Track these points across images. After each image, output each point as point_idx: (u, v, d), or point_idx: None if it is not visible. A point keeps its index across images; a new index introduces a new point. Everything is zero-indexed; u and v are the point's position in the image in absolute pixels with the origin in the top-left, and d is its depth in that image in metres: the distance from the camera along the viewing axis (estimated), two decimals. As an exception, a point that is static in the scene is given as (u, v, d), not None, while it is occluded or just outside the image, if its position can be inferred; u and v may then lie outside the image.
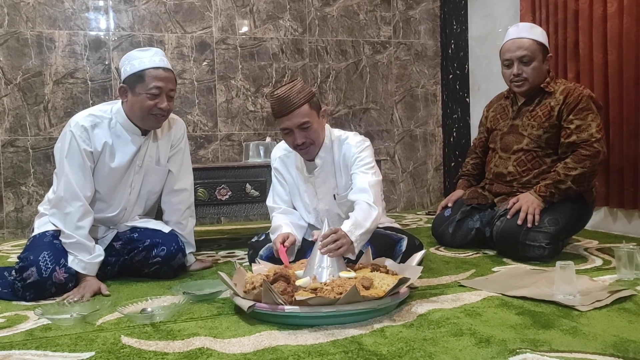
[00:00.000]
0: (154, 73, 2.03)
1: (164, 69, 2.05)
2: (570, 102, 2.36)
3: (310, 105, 2.00)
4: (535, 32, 2.45)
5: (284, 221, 2.13)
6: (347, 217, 1.91)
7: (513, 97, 2.58)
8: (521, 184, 2.46)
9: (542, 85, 2.45)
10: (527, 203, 2.30)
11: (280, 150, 2.25)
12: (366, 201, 1.95)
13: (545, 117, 2.41)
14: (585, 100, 2.35)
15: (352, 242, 1.80)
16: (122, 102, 2.10)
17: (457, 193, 2.75)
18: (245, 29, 3.83)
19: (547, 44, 2.46)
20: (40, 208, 2.18)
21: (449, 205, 2.71)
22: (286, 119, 1.98)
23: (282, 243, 1.95)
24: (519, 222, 2.27)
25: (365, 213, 1.91)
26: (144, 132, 2.14)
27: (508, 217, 2.33)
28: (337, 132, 2.18)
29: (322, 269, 1.71)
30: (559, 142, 2.40)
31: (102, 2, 3.56)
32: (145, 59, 2.04)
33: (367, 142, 2.14)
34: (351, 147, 2.11)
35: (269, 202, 2.27)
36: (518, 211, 2.31)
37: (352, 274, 1.69)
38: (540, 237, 2.24)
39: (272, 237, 2.08)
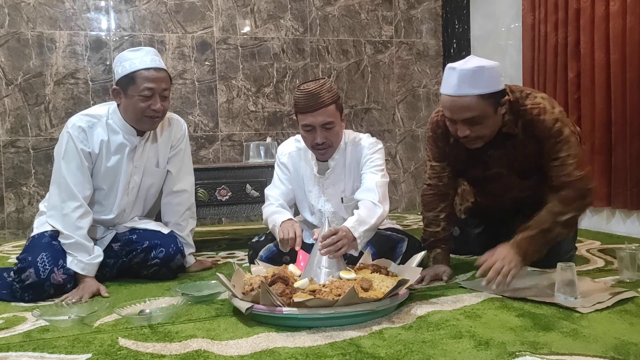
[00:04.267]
0: (145, 74, 1.99)
1: (156, 69, 2.02)
2: (540, 137, 1.88)
3: (336, 106, 2.00)
4: (480, 82, 1.76)
5: (280, 208, 2.12)
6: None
7: None
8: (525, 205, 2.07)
9: (503, 130, 1.91)
10: (504, 261, 1.74)
11: (291, 146, 2.22)
12: (371, 200, 1.95)
13: (526, 164, 1.99)
14: (554, 131, 1.85)
15: (354, 239, 1.80)
16: (118, 104, 2.09)
17: (438, 269, 1.99)
18: (246, 28, 3.82)
19: (498, 87, 1.79)
20: (41, 206, 2.18)
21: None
22: (311, 115, 1.97)
23: (295, 245, 1.92)
24: (484, 283, 1.74)
25: (370, 210, 1.91)
26: (140, 133, 2.13)
27: (477, 275, 1.79)
28: (351, 134, 2.18)
29: (320, 270, 1.70)
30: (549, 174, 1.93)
31: (102, 2, 3.56)
32: (136, 60, 2.01)
33: (380, 145, 2.14)
34: (364, 147, 2.11)
35: (268, 190, 2.23)
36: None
37: (352, 274, 1.68)
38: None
39: (272, 218, 2.06)
